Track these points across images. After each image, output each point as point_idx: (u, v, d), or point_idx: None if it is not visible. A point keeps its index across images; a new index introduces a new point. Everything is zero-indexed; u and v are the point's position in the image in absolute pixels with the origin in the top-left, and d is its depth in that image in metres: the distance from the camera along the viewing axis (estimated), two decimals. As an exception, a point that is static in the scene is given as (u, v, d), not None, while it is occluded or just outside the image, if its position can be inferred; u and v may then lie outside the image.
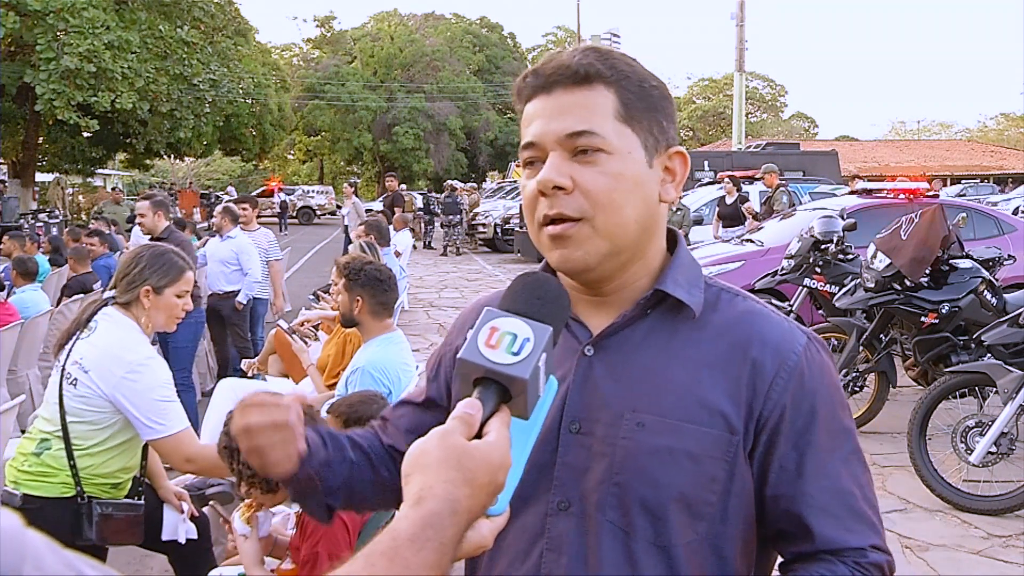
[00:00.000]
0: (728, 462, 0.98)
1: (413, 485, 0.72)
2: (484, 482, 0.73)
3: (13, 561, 0.48)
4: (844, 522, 0.98)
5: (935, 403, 4.55)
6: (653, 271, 1.06)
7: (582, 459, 1.00)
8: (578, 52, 1.00)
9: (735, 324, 1.03)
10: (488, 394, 0.78)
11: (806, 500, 0.98)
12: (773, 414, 0.99)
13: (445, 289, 14.11)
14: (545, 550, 1.00)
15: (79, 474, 2.49)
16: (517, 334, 0.79)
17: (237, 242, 6.80)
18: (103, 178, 37.06)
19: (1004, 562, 3.84)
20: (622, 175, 0.98)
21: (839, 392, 1.05)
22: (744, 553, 1.01)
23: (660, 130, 1.03)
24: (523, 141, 1.02)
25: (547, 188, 0.97)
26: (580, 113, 0.97)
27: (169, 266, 2.65)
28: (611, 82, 0.99)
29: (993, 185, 29.06)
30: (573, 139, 0.97)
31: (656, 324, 1.03)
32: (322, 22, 49.24)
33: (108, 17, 20.67)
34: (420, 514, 0.69)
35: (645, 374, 1.01)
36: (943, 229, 5.21)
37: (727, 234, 10.75)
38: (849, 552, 0.97)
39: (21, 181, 23.66)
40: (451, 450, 0.73)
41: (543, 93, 1.00)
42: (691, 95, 60.45)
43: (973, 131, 59.67)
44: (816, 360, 1.02)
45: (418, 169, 44.09)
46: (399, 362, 3.39)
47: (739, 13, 24.31)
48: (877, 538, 0.99)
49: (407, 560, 0.66)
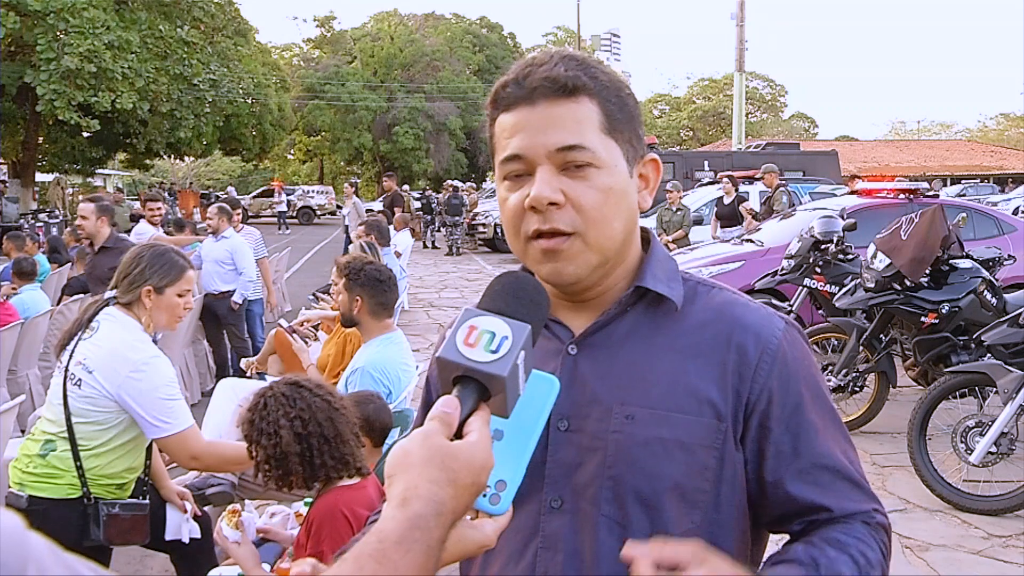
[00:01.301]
0: (718, 449, 0.99)
1: (397, 486, 0.72)
2: (468, 483, 0.73)
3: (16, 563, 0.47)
4: (845, 492, 1.01)
5: (935, 403, 4.55)
6: (631, 271, 1.07)
7: (573, 456, 1.01)
8: (560, 62, 0.98)
9: (715, 314, 1.04)
10: (467, 392, 0.78)
11: (805, 480, 1.00)
12: (761, 398, 1.00)
13: (445, 289, 14.11)
14: (540, 549, 1.01)
15: (85, 475, 2.49)
16: (495, 332, 0.79)
17: (231, 242, 6.84)
18: (103, 178, 37.08)
19: (1004, 562, 3.84)
20: (611, 189, 0.98)
21: (819, 373, 1.08)
22: (739, 540, 1.03)
23: (637, 139, 1.03)
24: (505, 153, 0.99)
25: (541, 204, 0.95)
26: (569, 126, 0.96)
27: (170, 266, 2.66)
28: (594, 94, 0.98)
29: (993, 185, 29.07)
30: (564, 153, 0.96)
31: (638, 319, 1.04)
32: (322, 22, 49.22)
33: (108, 17, 20.70)
34: (406, 515, 0.69)
35: (631, 368, 1.02)
36: (943, 229, 5.21)
37: (725, 234, 10.76)
38: (857, 514, 1.00)
39: (21, 181, 23.67)
40: (434, 451, 0.73)
41: (525, 104, 0.97)
42: (691, 95, 60.41)
43: (973, 131, 59.71)
44: (797, 343, 1.04)
45: (418, 169, 44.09)
46: (399, 362, 3.40)
47: (739, 13, 24.31)
48: (876, 503, 1.03)
49: (395, 562, 0.66)
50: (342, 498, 2.15)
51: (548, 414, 0.86)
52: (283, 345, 4.66)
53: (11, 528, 0.48)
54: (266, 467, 2.16)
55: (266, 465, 2.15)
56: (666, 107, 61.50)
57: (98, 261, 5.59)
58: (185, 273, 2.69)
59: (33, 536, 0.50)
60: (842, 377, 5.57)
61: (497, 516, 0.80)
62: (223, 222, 6.87)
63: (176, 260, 2.69)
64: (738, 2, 24.29)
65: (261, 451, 2.14)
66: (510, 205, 1.00)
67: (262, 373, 4.87)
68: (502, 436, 0.83)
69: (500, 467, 0.80)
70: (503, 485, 0.81)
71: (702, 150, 32.95)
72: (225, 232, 6.85)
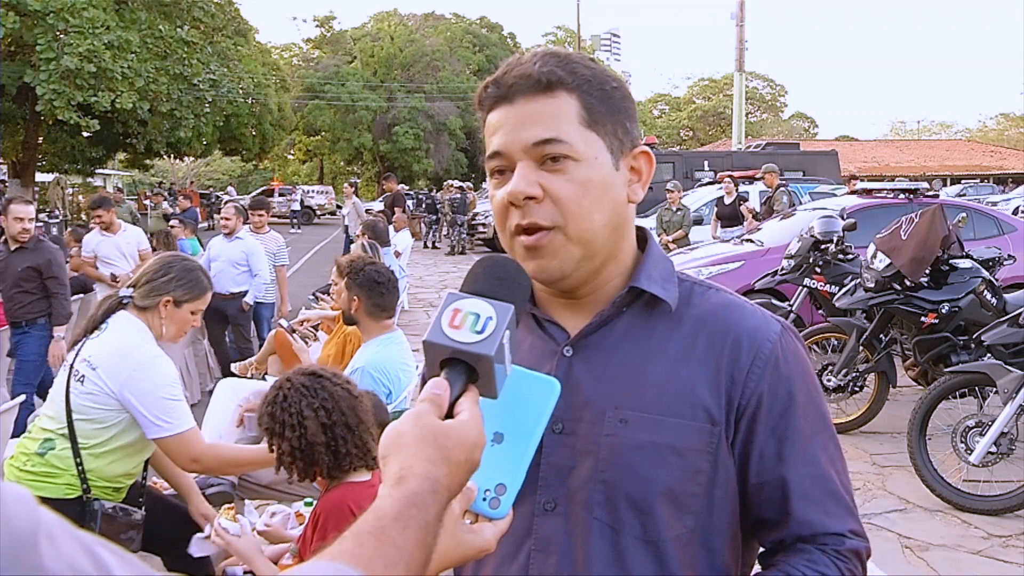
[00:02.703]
0: (711, 453, 0.99)
1: (392, 465, 0.72)
2: (461, 460, 0.74)
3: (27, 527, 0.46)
4: (824, 506, 0.99)
5: (935, 403, 4.55)
6: (626, 270, 1.07)
7: (566, 458, 1.01)
8: (537, 59, 1.00)
9: (710, 316, 1.04)
10: (455, 374, 0.78)
11: (787, 486, 0.99)
12: (751, 402, 1.00)
13: (445, 289, 14.10)
14: (533, 551, 1.01)
15: (86, 474, 2.49)
16: (480, 313, 0.80)
17: (247, 243, 6.74)
18: (103, 178, 37.06)
19: (1004, 562, 3.84)
20: (590, 181, 0.98)
21: (814, 379, 1.07)
22: (731, 544, 1.02)
23: (624, 131, 1.03)
24: (489, 151, 1.01)
25: (518, 199, 0.97)
26: (546, 121, 0.97)
27: (195, 283, 2.70)
28: (573, 88, 0.99)
29: (993, 185, 29.07)
30: (540, 147, 0.97)
31: (633, 321, 1.04)
32: (322, 22, 49.21)
33: (108, 17, 20.67)
34: (403, 493, 0.69)
35: (625, 371, 1.02)
36: (943, 229, 5.21)
37: (726, 234, 10.76)
38: (828, 538, 0.98)
39: (21, 181, 23.64)
40: (427, 430, 0.74)
41: (505, 103, 1.00)
42: (691, 95, 60.44)
43: (973, 131, 59.71)
44: (791, 347, 1.04)
45: (418, 169, 44.08)
46: (399, 362, 3.40)
47: (739, 13, 24.32)
48: (854, 522, 1.01)
49: (394, 538, 0.66)
50: (350, 493, 2.15)
51: (548, 417, 0.85)
52: (283, 345, 4.66)
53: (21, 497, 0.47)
54: (289, 459, 2.14)
55: (290, 457, 2.14)
56: (666, 107, 61.53)
57: (12, 260, 5.49)
58: (205, 294, 2.74)
59: (44, 511, 0.48)
60: (842, 377, 5.57)
61: (497, 520, 0.80)
62: (239, 223, 6.76)
63: (201, 279, 2.73)
64: (738, 2, 24.30)
65: (285, 443, 2.13)
66: (496, 202, 1.01)
67: (261, 373, 4.87)
68: (502, 439, 0.83)
69: (500, 471, 0.80)
70: (503, 489, 0.80)
71: (702, 150, 32.95)
72: (239, 233, 6.74)
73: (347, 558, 0.64)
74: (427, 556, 0.69)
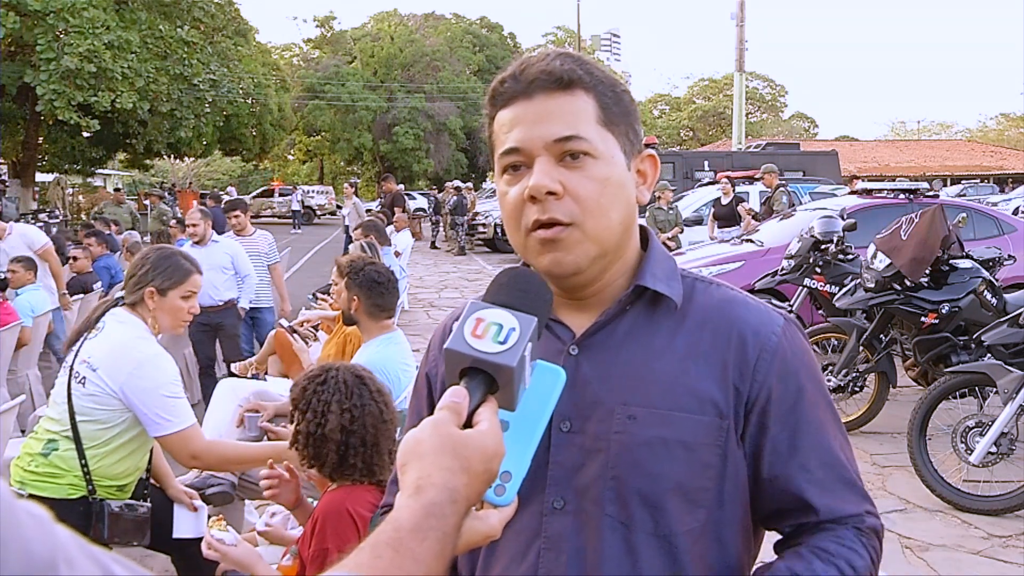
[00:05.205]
0: (720, 447, 1.00)
1: (410, 474, 0.72)
2: (480, 470, 0.73)
3: (45, 553, 0.45)
4: (840, 493, 1.02)
5: (935, 403, 4.55)
6: (630, 269, 1.07)
7: (575, 457, 1.02)
8: (556, 57, 1.00)
9: (714, 312, 1.05)
10: (475, 384, 0.78)
11: (802, 476, 1.01)
12: (761, 395, 1.01)
13: (445, 289, 14.11)
14: (543, 549, 1.01)
15: (91, 474, 2.50)
16: (503, 324, 0.79)
17: (227, 245, 6.25)
18: (103, 178, 37.05)
19: (1004, 562, 3.84)
20: (608, 179, 0.99)
21: (819, 369, 1.09)
22: (743, 536, 1.04)
23: (634, 134, 1.05)
24: (504, 147, 1.00)
25: (540, 193, 0.97)
26: (566, 118, 0.98)
27: (174, 268, 2.68)
28: (590, 87, 1.00)
29: (993, 185, 29.06)
30: (561, 144, 0.97)
31: (638, 319, 1.05)
32: (322, 22, 49.19)
33: (108, 17, 20.68)
34: (421, 503, 0.69)
35: (632, 368, 1.02)
36: (943, 229, 5.21)
37: (723, 234, 10.77)
38: (849, 518, 1.01)
39: (21, 181, 23.63)
40: (446, 439, 0.73)
41: (523, 98, 0.99)
42: (691, 95, 60.41)
43: (973, 131, 59.68)
44: (796, 340, 1.06)
45: (418, 169, 44.08)
46: (399, 362, 3.40)
47: (739, 13, 24.31)
48: (869, 504, 1.04)
49: (412, 550, 0.66)
50: (350, 497, 2.14)
51: (554, 405, 0.86)
52: (283, 345, 4.66)
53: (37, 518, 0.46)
54: (303, 441, 2.14)
55: (303, 439, 2.14)
56: (666, 107, 61.52)
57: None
58: (190, 276, 2.71)
59: (61, 529, 0.48)
60: (842, 377, 5.57)
61: (502, 507, 0.80)
62: (207, 227, 6.15)
63: (181, 263, 2.71)
64: (738, 2, 24.29)
65: (304, 423, 2.13)
66: (510, 198, 1.01)
67: (264, 373, 4.87)
68: (507, 427, 0.83)
69: (506, 458, 0.80)
70: (508, 476, 0.81)
71: (702, 150, 32.95)
72: (214, 237, 6.21)
73: (364, 570, 0.64)
74: (445, 567, 0.68)
